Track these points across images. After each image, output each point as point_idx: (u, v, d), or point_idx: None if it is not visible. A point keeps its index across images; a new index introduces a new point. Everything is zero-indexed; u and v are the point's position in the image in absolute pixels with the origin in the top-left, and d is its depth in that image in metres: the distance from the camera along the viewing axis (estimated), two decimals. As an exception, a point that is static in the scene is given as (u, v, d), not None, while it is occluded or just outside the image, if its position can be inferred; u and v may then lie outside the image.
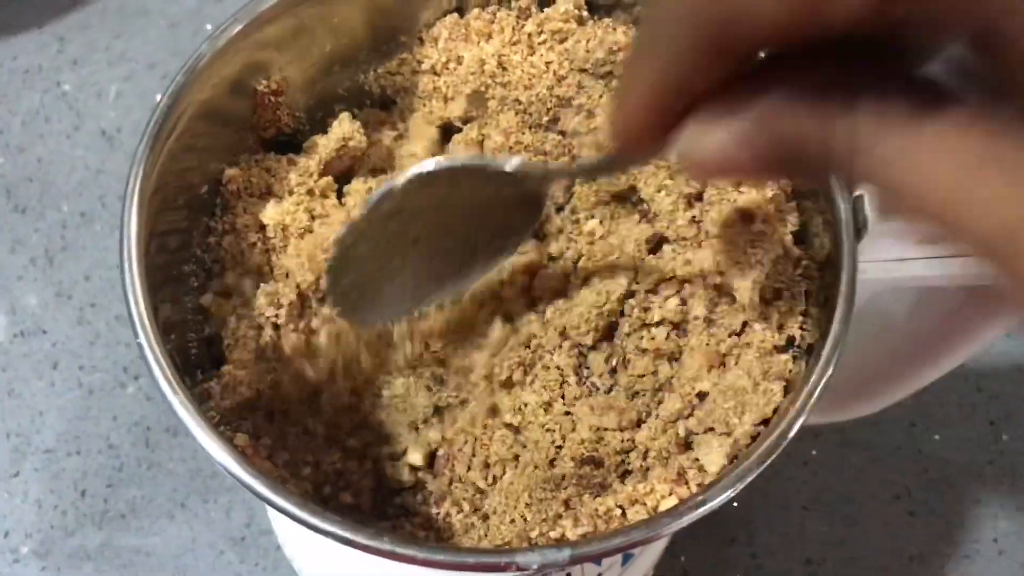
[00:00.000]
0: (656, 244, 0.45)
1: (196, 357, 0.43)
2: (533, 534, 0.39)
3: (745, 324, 0.42)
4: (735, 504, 0.61)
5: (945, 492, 0.62)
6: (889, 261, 0.40)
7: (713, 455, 0.39)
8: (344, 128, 0.47)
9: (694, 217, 0.44)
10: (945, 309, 0.46)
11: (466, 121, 0.49)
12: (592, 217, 0.46)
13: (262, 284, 0.43)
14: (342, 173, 0.48)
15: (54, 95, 0.70)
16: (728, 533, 0.61)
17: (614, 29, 0.46)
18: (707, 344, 0.42)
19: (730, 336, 0.42)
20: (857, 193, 0.38)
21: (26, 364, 0.62)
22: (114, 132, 0.69)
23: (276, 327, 0.43)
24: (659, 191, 0.44)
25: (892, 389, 0.50)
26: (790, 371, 0.40)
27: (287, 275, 0.44)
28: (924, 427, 0.64)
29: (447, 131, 0.49)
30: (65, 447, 0.60)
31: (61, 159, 0.68)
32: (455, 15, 0.49)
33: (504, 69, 0.47)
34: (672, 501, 0.38)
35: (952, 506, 0.62)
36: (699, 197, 0.44)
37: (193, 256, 0.45)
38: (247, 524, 0.59)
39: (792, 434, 0.37)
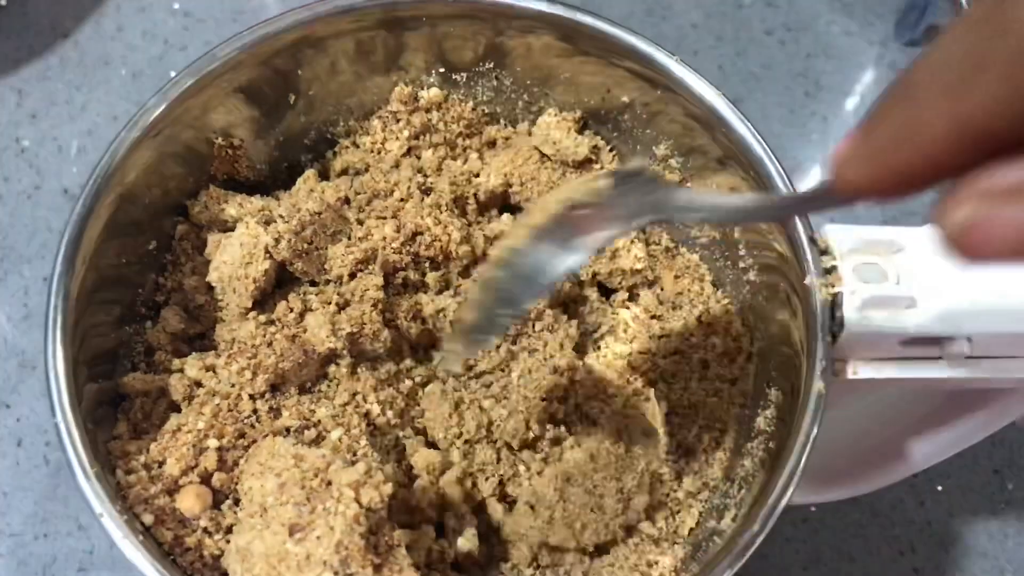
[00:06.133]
0: None
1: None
2: None
3: None
4: (733, 567, 0.59)
5: (950, 547, 0.60)
6: (869, 361, 0.38)
7: None
8: (310, 185, 0.46)
9: None
10: (933, 401, 0.44)
11: None
12: None
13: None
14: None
15: (13, 152, 0.67)
16: (727, 599, 0.59)
17: None
18: None
19: None
20: (836, 290, 0.36)
21: (-11, 442, 0.59)
22: (76, 190, 0.65)
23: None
24: None
25: (885, 473, 0.48)
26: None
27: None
28: (926, 478, 0.61)
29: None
30: (32, 530, 0.58)
31: (22, 221, 0.65)
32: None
33: None
34: None
35: (958, 562, 0.60)
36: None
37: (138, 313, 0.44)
38: (225, 607, 0.56)
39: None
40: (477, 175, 0.47)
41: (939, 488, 0.61)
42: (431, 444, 0.43)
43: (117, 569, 0.57)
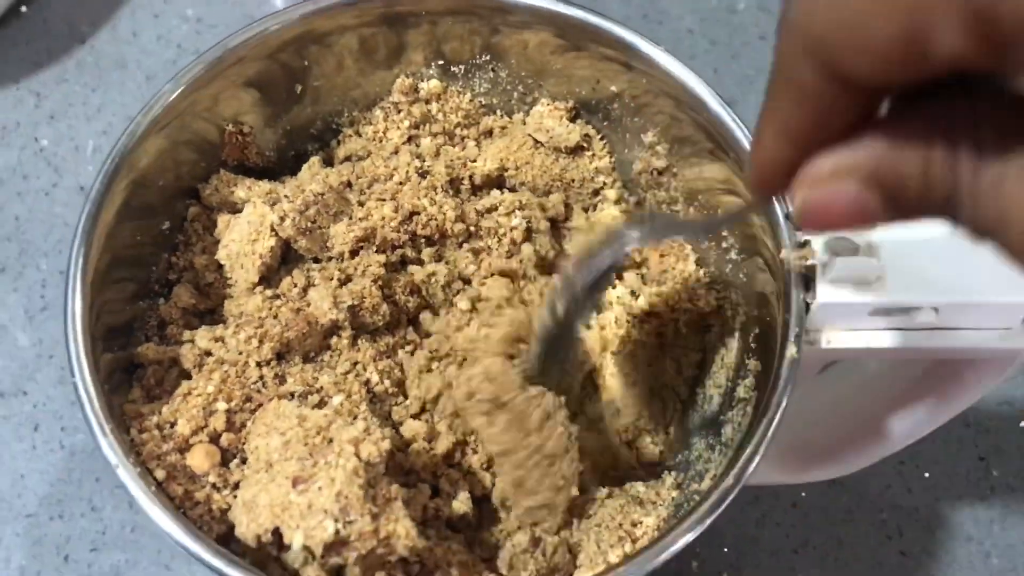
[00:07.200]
0: None
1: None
2: None
3: None
4: (725, 549, 0.61)
5: (936, 531, 0.62)
6: (841, 331, 0.40)
7: None
8: (314, 171, 0.48)
9: None
10: (908, 376, 0.46)
11: None
12: None
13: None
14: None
15: (32, 151, 0.70)
16: (718, 580, 0.60)
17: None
18: None
19: None
20: (809, 262, 0.38)
21: (7, 426, 0.62)
22: (92, 187, 0.68)
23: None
24: None
25: (866, 451, 0.50)
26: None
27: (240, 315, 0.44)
28: (913, 464, 0.63)
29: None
30: (47, 511, 0.60)
31: (40, 217, 0.68)
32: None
33: None
34: None
35: (944, 544, 0.61)
36: None
37: (151, 290, 0.47)
38: (232, 585, 0.58)
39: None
40: (474, 160, 0.50)
41: (926, 475, 0.63)
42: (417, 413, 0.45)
43: (128, 549, 0.59)
